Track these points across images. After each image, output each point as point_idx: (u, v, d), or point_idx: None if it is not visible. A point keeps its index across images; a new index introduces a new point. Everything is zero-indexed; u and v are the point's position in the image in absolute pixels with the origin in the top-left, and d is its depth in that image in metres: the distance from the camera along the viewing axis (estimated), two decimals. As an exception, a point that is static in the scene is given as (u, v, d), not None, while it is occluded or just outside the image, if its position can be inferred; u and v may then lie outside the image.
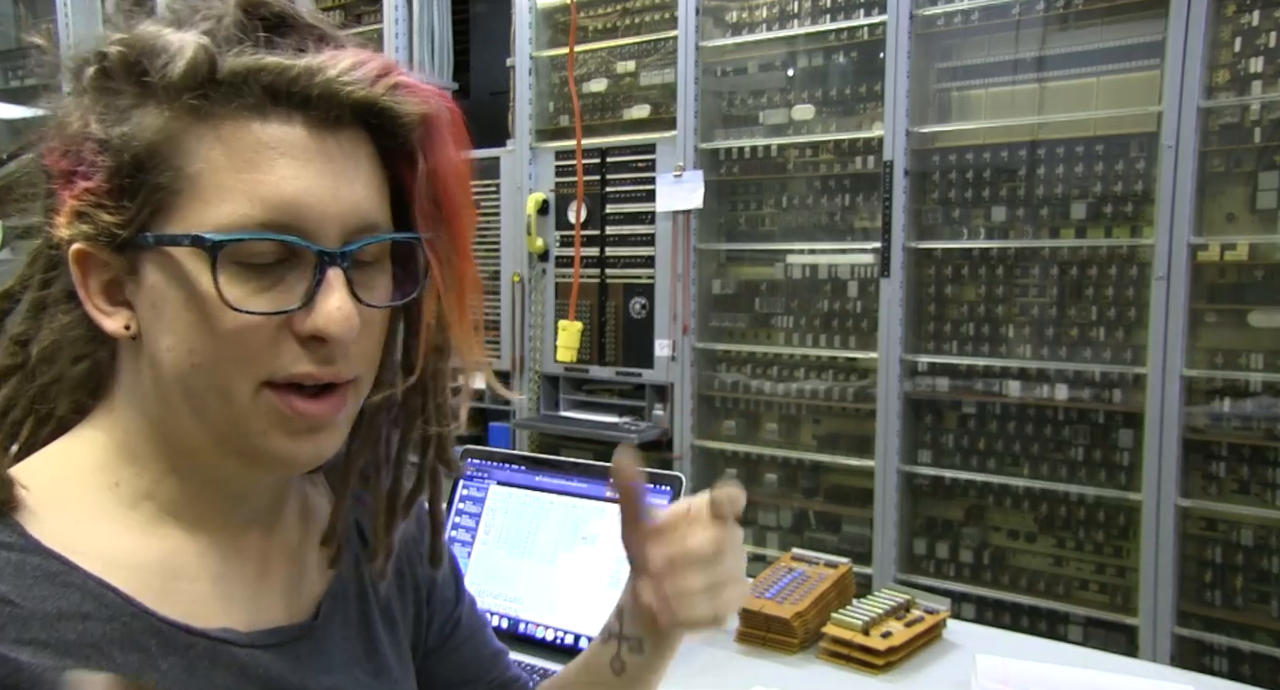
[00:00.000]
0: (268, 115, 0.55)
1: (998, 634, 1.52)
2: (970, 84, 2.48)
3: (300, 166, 0.55)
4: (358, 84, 0.56)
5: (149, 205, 0.56)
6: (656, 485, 1.35)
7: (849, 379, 2.68)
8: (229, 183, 0.55)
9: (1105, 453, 2.33)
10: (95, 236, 0.57)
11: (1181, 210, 2.14)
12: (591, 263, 3.00)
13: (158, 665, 0.57)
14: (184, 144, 0.55)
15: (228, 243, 0.54)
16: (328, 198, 0.56)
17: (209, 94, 0.55)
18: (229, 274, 0.55)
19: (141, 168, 0.55)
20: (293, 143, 0.55)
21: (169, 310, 0.56)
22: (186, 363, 0.56)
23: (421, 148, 0.60)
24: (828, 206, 2.68)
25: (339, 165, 0.57)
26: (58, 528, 0.57)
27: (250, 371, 0.56)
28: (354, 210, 0.57)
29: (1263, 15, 2.10)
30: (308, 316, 0.56)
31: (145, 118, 0.55)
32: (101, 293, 0.59)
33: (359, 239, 0.58)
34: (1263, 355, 2.14)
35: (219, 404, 0.57)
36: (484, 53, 3.52)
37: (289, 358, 0.57)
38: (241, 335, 0.55)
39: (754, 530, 2.86)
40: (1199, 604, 2.22)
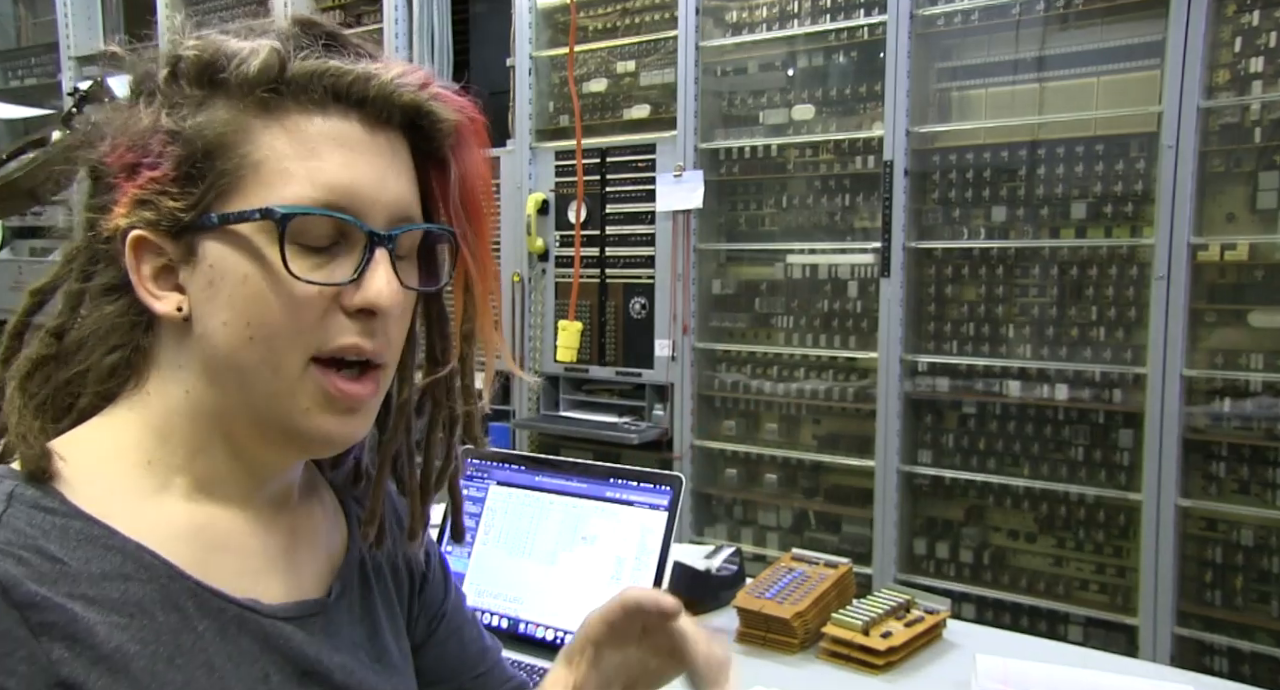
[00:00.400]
0: (329, 111, 0.62)
1: (998, 634, 1.52)
2: (970, 84, 2.48)
3: (355, 157, 0.62)
4: (407, 88, 0.63)
5: (215, 189, 0.61)
6: (656, 485, 1.35)
7: (849, 379, 2.68)
8: (292, 168, 0.60)
9: (1105, 453, 2.33)
10: (156, 222, 0.62)
11: (1181, 210, 2.14)
12: (591, 263, 3.00)
13: (194, 626, 0.60)
14: (252, 134, 0.61)
15: (296, 215, 0.60)
16: (378, 186, 0.62)
17: (279, 90, 0.61)
18: (290, 250, 0.60)
19: (211, 155, 0.61)
20: (349, 136, 0.62)
21: (227, 287, 0.61)
22: (243, 336, 0.61)
23: (453, 152, 0.67)
24: (828, 206, 2.68)
25: (387, 160, 0.63)
26: (94, 498, 0.60)
27: (302, 343, 0.61)
28: (398, 200, 0.64)
29: (1263, 15, 2.10)
30: (357, 291, 0.61)
31: (217, 111, 0.61)
32: (153, 278, 0.63)
33: (402, 226, 0.64)
34: (1263, 355, 2.14)
35: (269, 378, 0.61)
36: (484, 53, 3.52)
37: (337, 330, 0.62)
38: (299, 306, 0.60)
39: (754, 530, 2.86)
40: (1199, 604, 2.22)
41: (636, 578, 1.31)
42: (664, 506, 1.34)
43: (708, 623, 1.46)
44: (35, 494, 0.58)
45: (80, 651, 0.55)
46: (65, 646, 0.55)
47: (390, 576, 0.78)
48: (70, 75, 4.18)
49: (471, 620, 0.89)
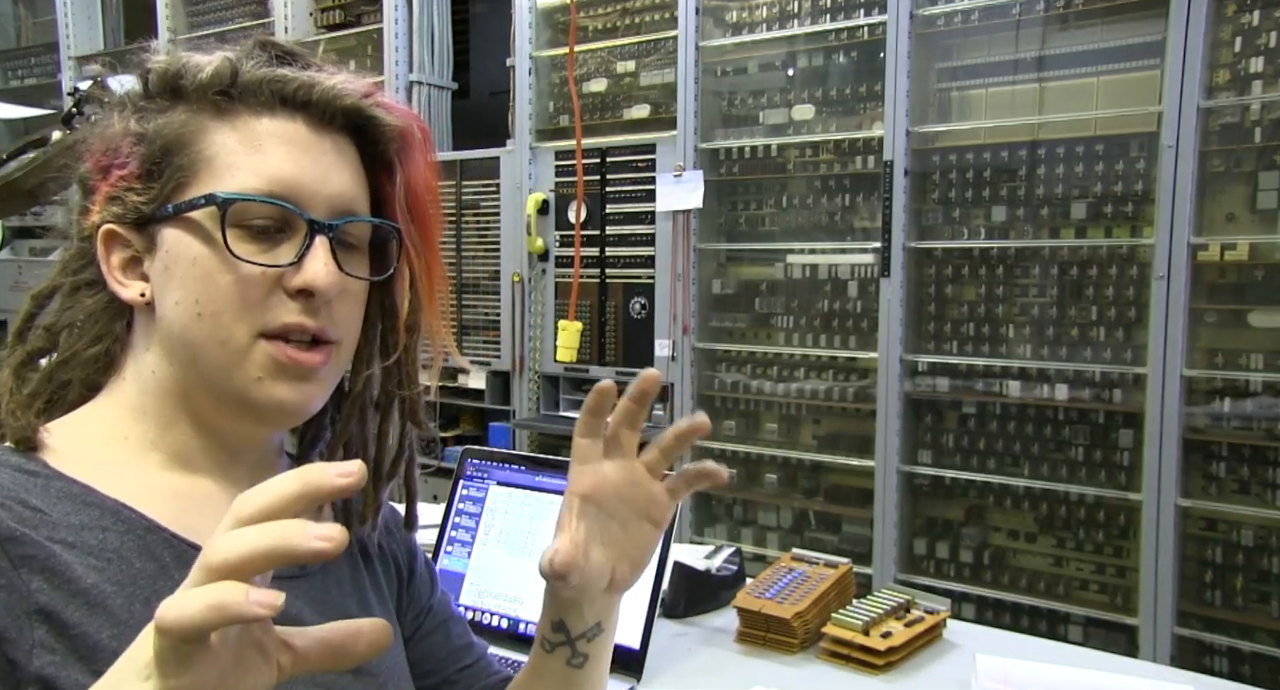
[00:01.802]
0: (276, 113, 0.68)
1: (998, 634, 1.52)
2: (970, 84, 2.48)
3: (299, 153, 0.67)
4: (349, 95, 0.69)
5: (171, 182, 0.67)
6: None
7: (849, 379, 2.68)
8: (238, 162, 0.66)
9: (1105, 453, 2.33)
10: (123, 216, 0.68)
11: (1181, 210, 2.14)
12: (591, 263, 3.00)
13: (171, 574, 0.64)
14: (206, 133, 0.67)
15: (236, 200, 0.65)
16: (320, 180, 0.68)
17: (231, 95, 0.67)
18: (235, 234, 0.65)
19: (169, 152, 0.67)
20: (293, 135, 0.68)
21: (179, 269, 0.66)
22: (192, 312, 0.66)
23: (398, 158, 0.72)
24: (828, 206, 2.68)
25: (331, 158, 0.69)
26: (76, 465, 0.65)
27: (248, 320, 0.66)
28: (341, 195, 0.69)
29: (1263, 15, 2.10)
30: (297, 273, 0.66)
31: (177, 114, 0.68)
32: (121, 268, 0.69)
33: (344, 217, 0.69)
34: (1263, 355, 2.14)
35: (218, 352, 0.66)
36: (484, 53, 3.52)
37: (281, 309, 0.66)
38: (242, 286, 0.65)
39: (754, 530, 2.86)
40: (1199, 604, 2.22)
41: (636, 578, 1.31)
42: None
43: (708, 623, 1.46)
44: (20, 460, 0.64)
45: (58, 584, 0.59)
46: (44, 579, 0.58)
47: (379, 565, 0.83)
48: (70, 75, 4.18)
49: (458, 618, 0.92)
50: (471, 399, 3.29)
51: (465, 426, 3.37)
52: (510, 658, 1.32)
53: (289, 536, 0.43)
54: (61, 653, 0.58)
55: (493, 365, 3.22)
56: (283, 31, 3.56)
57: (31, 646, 0.57)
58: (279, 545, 0.43)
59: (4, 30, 4.70)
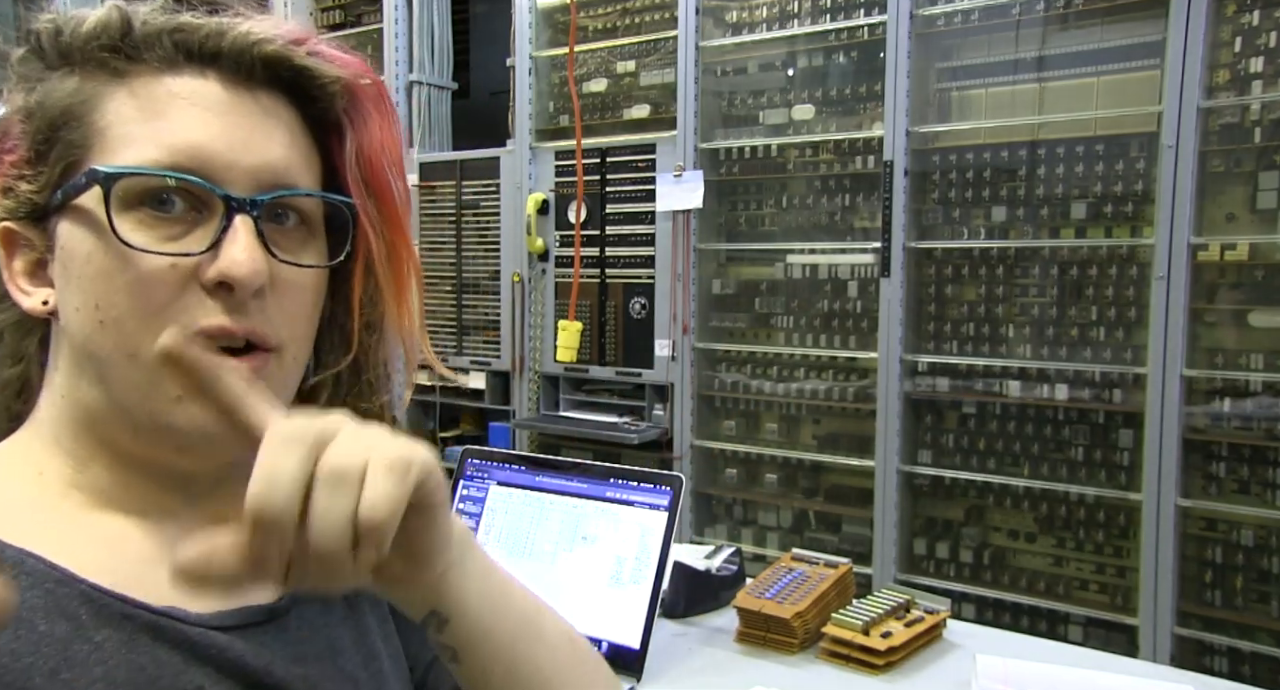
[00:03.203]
0: (180, 70, 0.55)
1: (998, 634, 1.52)
2: (970, 84, 2.48)
3: (211, 117, 0.55)
4: (271, 41, 0.56)
5: (60, 162, 0.55)
6: (656, 485, 1.35)
7: (849, 379, 2.68)
8: (135, 132, 0.54)
9: (1105, 453, 2.33)
10: (16, 210, 0.56)
11: (1181, 210, 2.14)
12: (591, 263, 3.00)
13: (90, 636, 0.52)
14: (95, 101, 0.55)
15: (122, 175, 0.53)
16: (239, 147, 0.55)
17: (121, 50, 0.55)
18: (134, 220, 0.53)
19: (57, 127, 0.55)
20: (204, 95, 0.55)
21: (75, 268, 0.55)
22: (94, 320, 0.54)
23: (347, 117, 0.60)
24: (828, 206, 2.68)
25: (255, 120, 0.56)
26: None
27: (156, 325, 0.53)
28: (268, 164, 0.56)
29: (1263, 15, 2.10)
30: (213, 262, 0.54)
31: (61, 81, 0.56)
32: (25, 273, 0.58)
33: (272, 191, 0.56)
34: (1263, 355, 2.14)
35: (125, 366, 0.54)
36: (484, 53, 3.53)
37: (198, 310, 0.54)
38: (146, 283, 0.53)
39: (754, 530, 2.86)
40: (1199, 604, 2.22)
41: (636, 578, 1.31)
42: (664, 507, 1.34)
43: (708, 623, 1.46)
44: None
45: None
46: None
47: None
48: (70, 75, 4.18)
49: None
50: (471, 399, 3.29)
51: (465, 426, 3.37)
52: (510, 658, 1.32)
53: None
54: None
55: (493, 365, 3.22)
56: (283, 31, 3.55)
57: None
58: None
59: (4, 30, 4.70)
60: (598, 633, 1.30)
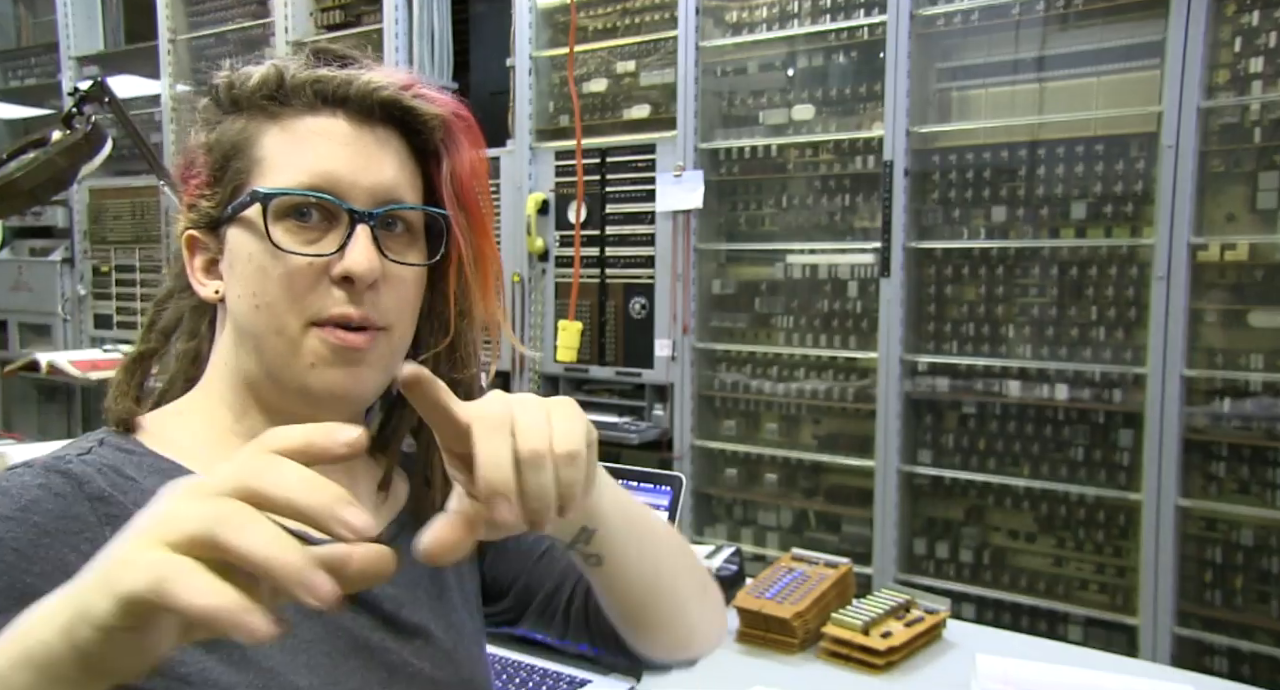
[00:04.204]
0: (318, 111, 0.72)
1: (998, 634, 1.52)
2: (970, 84, 2.48)
3: (339, 147, 0.71)
4: (386, 88, 0.72)
5: (231, 185, 0.73)
6: (656, 485, 1.35)
7: (849, 379, 2.68)
8: (284, 161, 0.71)
9: (1105, 453, 2.33)
10: (199, 221, 0.74)
11: (1181, 210, 2.14)
12: (591, 263, 3.00)
13: None
14: (256, 137, 0.72)
15: (276, 195, 0.70)
16: (360, 171, 0.71)
17: (276, 97, 0.72)
18: (283, 228, 0.70)
19: (229, 158, 0.73)
20: (334, 131, 0.72)
21: (239, 264, 0.72)
22: (250, 305, 0.71)
23: (444, 146, 0.75)
24: (828, 206, 2.68)
25: (372, 150, 0.72)
26: (167, 445, 0.72)
27: (298, 309, 0.70)
28: (382, 184, 0.72)
29: (1263, 15, 2.10)
30: (340, 262, 0.70)
31: (235, 123, 0.74)
32: (203, 269, 0.75)
33: (386, 205, 0.72)
34: (1263, 355, 2.14)
35: (275, 341, 0.70)
36: (484, 53, 3.52)
37: (328, 300, 0.70)
38: (290, 276, 0.70)
39: (754, 530, 2.86)
40: (1199, 604, 2.22)
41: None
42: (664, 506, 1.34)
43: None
44: (119, 440, 0.71)
45: None
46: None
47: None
48: (70, 75, 4.18)
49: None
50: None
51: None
52: (510, 658, 1.32)
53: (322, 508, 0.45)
54: None
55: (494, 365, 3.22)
56: (283, 32, 3.56)
57: None
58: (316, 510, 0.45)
59: (4, 30, 4.70)
60: (598, 633, 1.30)
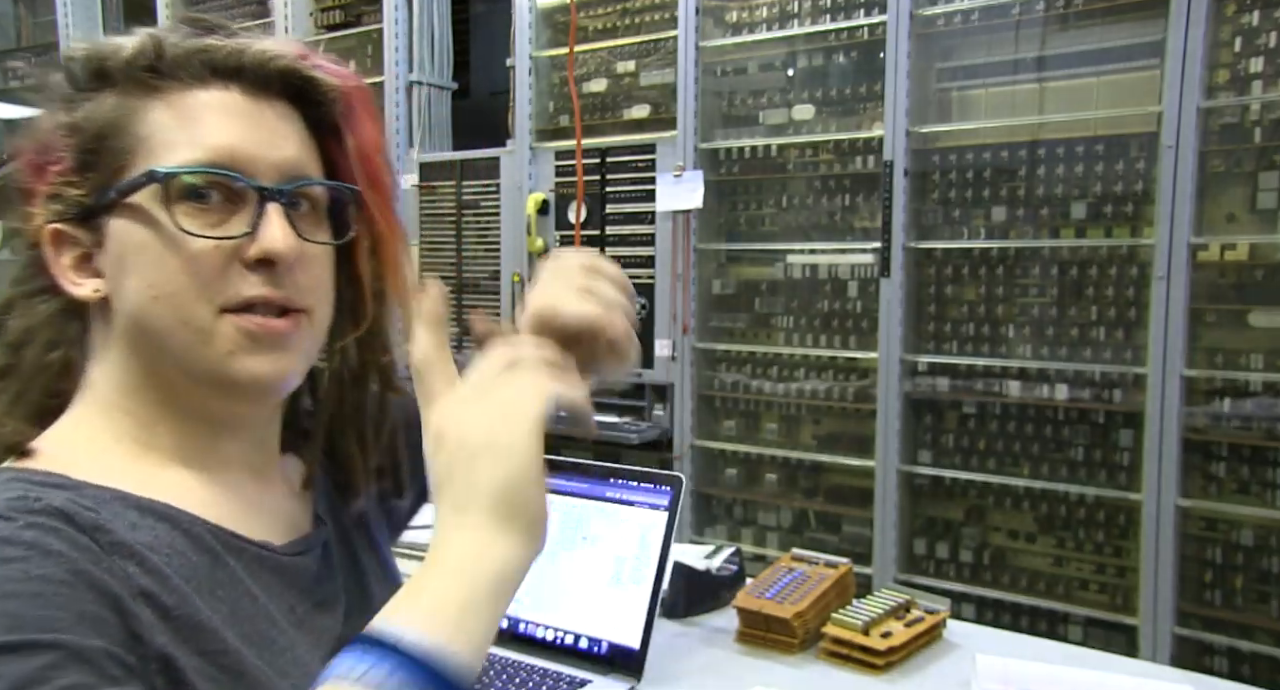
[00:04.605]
0: (208, 84, 0.65)
1: (998, 634, 1.52)
2: (970, 84, 2.48)
3: (236, 121, 0.65)
4: (283, 57, 0.67)
5: (109, 168, 0.65)
6: (656, 485, 1.35)
7: (849, 379, 2.68)
8: (175, 137, 0.64)
9: (1105, 453, 2.33)
10: (65, 212, 0.65)
11: (1181, 210, 2.14)
12: (591, 263, 2.99)
13: (225, 563, 0.64)
14: (138, 114, 0.65)
15: (177, 173, 0.63)
16: (264, 146, 0.65)
17: (158, 69, 0.65)
18: (181, 210, 0.63)
19: (103, 138, 0.65)
20: (229, 104, 0.65)
21: (130, 254, 0.64)
22: (148, 296, 0.64)
23: (344, 120, 0.70)
24: (828, 206, 2.68)
25: (273, 124, 0.67)
26: (92, 474, 0.63)
27: (207, 297, 0.63)
28: (288, 160, 0.66)
29: (1263, 15, 2.10)
30: (253, 243, 0.64)
31: (105, 99, 0.66)
32: (74, 267, 0.66)
33: (296, 181, 0.66)
34: (1263, 355, 2.14)
35: (183, 333, 0.64)
36: (484, 53, 3.52)
37: (242, 283, 0.64)
38: (196, 262, 0.63)
39: (754, 530, 2.86)
40: (1199, 604, 2.22)
41: (637, 578, 1.31)
42: (664, 506, 1.34)
43: (708, 623, 1.47)
44: (45, 474, 0.61)
45: (147, 570, 0.59)
46: (135, 564, 0.58)
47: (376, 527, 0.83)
48: (70, 75, 4.17)
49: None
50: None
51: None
52: (510, 658, 1.32)
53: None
54: (169, 633, 0.57)
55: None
56: (283, 31, 3.56)
57: (148, 624, 0.56)
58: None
59: (4, 30, 4.70)
60: (598, 633, 1.30)
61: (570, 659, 1.31)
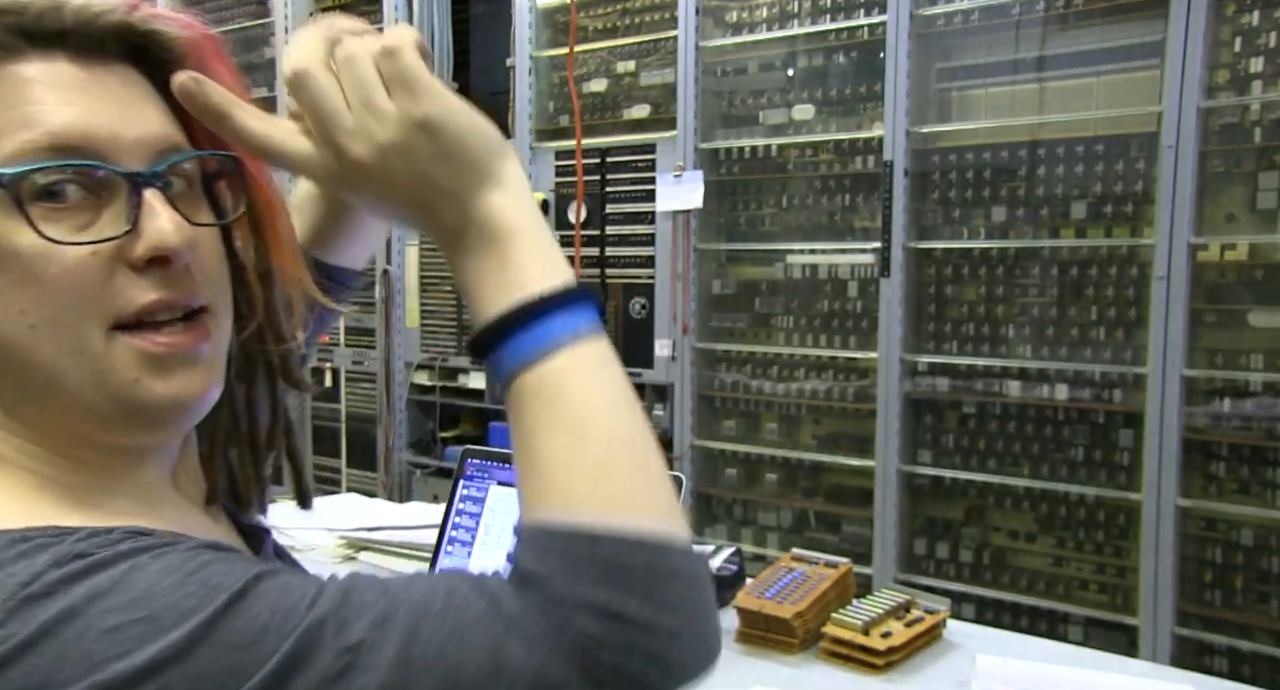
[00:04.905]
0: (24, 55, 0.53)
1: (998, 634, 1.52)
2: (970, 84, 2.48)
3: (74, 95, 0.53)
4: (111, 12, 0.55)
5: None
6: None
7: (849, 379, 2.68)
8: (2, 122, 0.52)
9: (1105, 453, 2.33)
10: None
11: (1181, 210, 2.14)
12: (591, 263, 3.00)
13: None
14: None
15: (25, 173, 0.51)
16: (116, 122, 0.54)
17: None
18: (37, 215, 0.51)
19: None
20: (59, 76, 0.54)
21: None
22: (22, 326, 0.52)
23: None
24: (828, 206, 2.68)
25: (119, 93, 0.55)
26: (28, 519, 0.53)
27: (95, 315, 0.52)
28: (153, 133, 0.55)
29: (1263, 15, 2.10)
30: (137, 240, 0.53)
31: None
32: None
33: (168, 158, 0.55)
34: (1263, 355, 2.14)
35: (74, 362, 0.53)
36: (484, 53, 3.52)
37: (133, 291, 0.53)
38: (72, 276, 0.52)
39: (754, 530, 2.86)
40: (1199, 604, 2.22)
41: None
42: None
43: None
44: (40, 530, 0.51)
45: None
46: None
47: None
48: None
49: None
50: (472, 399, 3.29)
51: (465, 426, 3.37)
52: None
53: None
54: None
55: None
56: (283, 31, 3.56)
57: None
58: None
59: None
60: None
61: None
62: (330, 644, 0.46)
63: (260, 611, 0.46)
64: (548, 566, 0.50)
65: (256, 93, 3.72)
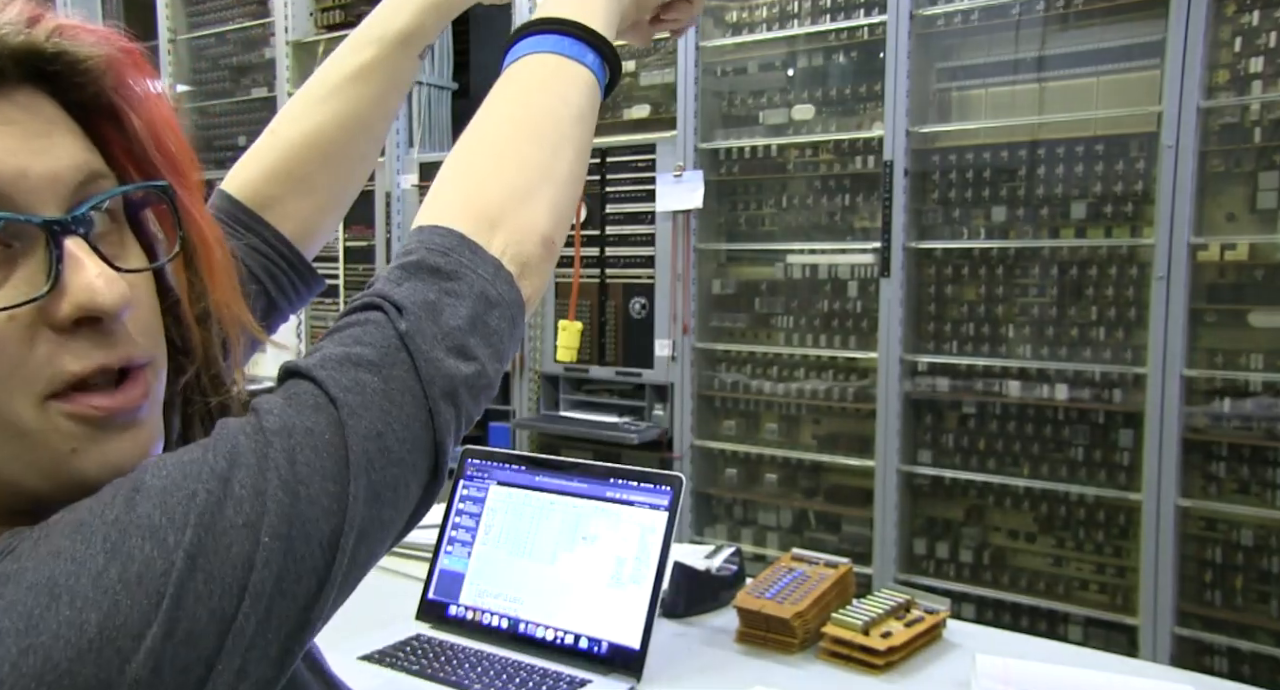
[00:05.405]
0: None
1: (998, 634, 1.52)
2: (970, 84, 2.48)
3: None
4: (8, 33, 0.46)
5: None
6: (656, 485, 1.35)
7: (849, 379, 2.68)
8: None
9: (1105, 453, 2.33)
10: None
11: (1181, 210, 2.14)
12: (591, 263, 3.00)
13: None
14: None
15: None
16: (25, 160, 0.46)
17: None
18: None
19: None
20: None
21: None
22: None
23: (119, 96, 0.51)
24: (828, 206, 2.68)
25: (25, 128, 0.47)
26: None
27: (21, 388, 0.45)
28: (69, 169, 0.48)
29: (1263, 15, 2.10)
30: (62, 299, 0.45)
31: None
32: None
33: (89, 198, 0.48)
34: (1263, 355, 2.14)
35: (4, 441, 0.46)
36: (484, 53, 3.52)
37: (63, 358, 0.46)
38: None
39: (754, 530, 2.86)
40: (1199, 604, 2.22)
41: (637, 578, 1.31)
42: (664, 506, 1.34)
43: (708, 623, 1.47)
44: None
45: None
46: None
47: None
48: (70, 75, 4.17)
49: None
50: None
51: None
52: (510, 658, 1.32)
53: None
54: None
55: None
56: (283, 31, 3.56)
57: None
58: None
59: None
60: (598, 633, 1.30)
61: (570, 659, 1.31)
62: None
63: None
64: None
65: (256, 93, 3.72)
